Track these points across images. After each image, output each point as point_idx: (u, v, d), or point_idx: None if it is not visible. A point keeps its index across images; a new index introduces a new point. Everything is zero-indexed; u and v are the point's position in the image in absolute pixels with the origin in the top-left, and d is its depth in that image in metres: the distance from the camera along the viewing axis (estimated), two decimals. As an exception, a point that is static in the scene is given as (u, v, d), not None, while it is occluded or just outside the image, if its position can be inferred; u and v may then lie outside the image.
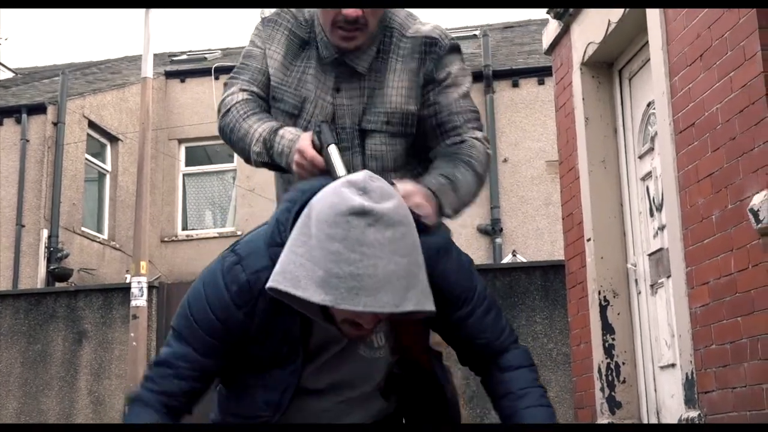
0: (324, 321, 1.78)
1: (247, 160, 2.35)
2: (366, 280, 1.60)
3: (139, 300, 10.30)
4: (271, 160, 2.25)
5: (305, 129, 2.27)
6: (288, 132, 2.21)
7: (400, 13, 2.37)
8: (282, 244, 1.75)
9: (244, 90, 2.39)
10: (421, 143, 2.36)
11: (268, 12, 2.47)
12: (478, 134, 2.34)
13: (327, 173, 2.02)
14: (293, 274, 1.65)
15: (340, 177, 1.83)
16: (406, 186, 2.03)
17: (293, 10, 2.40)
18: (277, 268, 1.69)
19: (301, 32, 2.37)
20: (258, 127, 2.27)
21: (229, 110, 2.37)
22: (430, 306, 1.70)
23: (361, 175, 1.69)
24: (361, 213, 1.62)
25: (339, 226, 1.62)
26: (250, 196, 14.73)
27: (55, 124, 13.28)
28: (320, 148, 2.08)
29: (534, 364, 1.99)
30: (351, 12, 2.18)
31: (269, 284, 1.69)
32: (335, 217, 1.63)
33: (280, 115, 2.35)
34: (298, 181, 2.07)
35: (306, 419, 1.92)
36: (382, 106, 2.30)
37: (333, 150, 2.04)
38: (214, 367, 1.85)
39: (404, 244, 1.66)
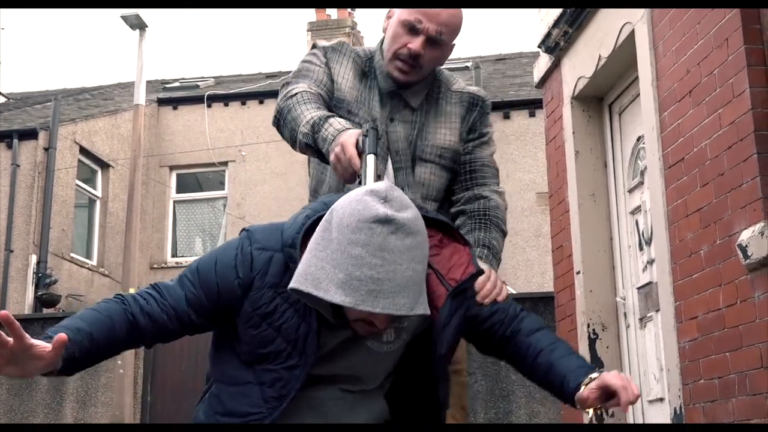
0: (333, 318, 1.86)
1: (293, 143, 2.45)
2: (385, 283, 1.70)
3: (127, 327, 10.25)
4: (314, 143, 2.31)
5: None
6: (337, 122, 2.28)
7: (444, 72, 2.70)
8: (292, 246, 1.86)
9: (311, 86, 2.53)
10: (451, 184, 2.66)
11: (325, 42, 2.69)
12: (500, 189, 2.68)
13: (356, 176, 2.11)
14: (315, 275, 1.73)
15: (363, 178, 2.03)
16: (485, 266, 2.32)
17: (351, 46, 2.67)
18: (298, 270, 1.78)
19: (361, 63, 2.63)
20: (312, 112, 2.37)
21: (293, 95, 2.47)
22: (428, 310, 1.82)
23: (383, 185, 1.78)
24: (385, 221, 1.71)
25: (362, 232, 1.70)
26: (241, 224, 14.71)
27: (46, 150, 13.28)
28: (360, 152, 2.12)
29: (548, 327, 2.15)
30: (415, 47, 2.47)
31: (291, 285, 1.76)
32: (358, 224, 1.71)
33: (355, 127, 2.39)
34: (331, 170, 2.36)
35: (306, 406, 1.94)
36: (434, 140, 2.59)
37: (371, 159, 2.08)
38: (190, 322, 1.92)
39: (420, 253, 1.77)
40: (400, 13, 2.51)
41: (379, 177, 2.07)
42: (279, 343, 1.88)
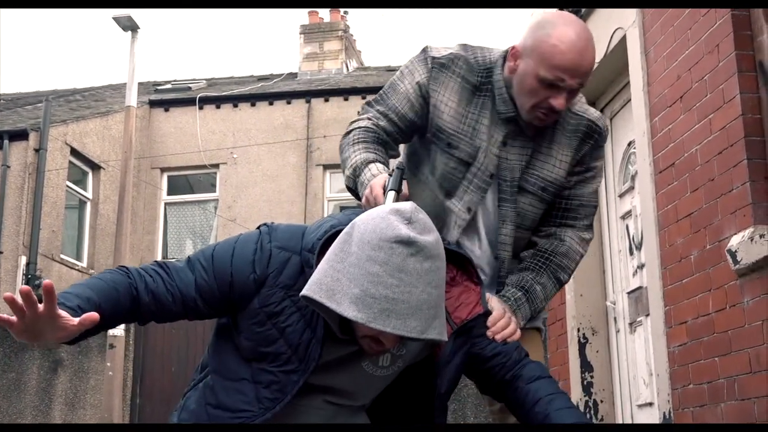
0: (340, 332, 1.85)
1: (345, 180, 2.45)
2: (399, 304, 1.69)
3: (117, 329, 10.22)
4: (355, 186, 2.35)
5: (474, 176, 2.42)
6: (375, 167, 2.30)
7: None
8: (311, 251, 1.86)
9: (370, 119, 2.47)
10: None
11: (437, 51, 2.46)
12: (587, 236, 2.55)
13: None
14: (329, 286, 1.72)
15: None
16: (494, 303, 2.28)
17: (466, 54, 2.44)
18: (313, 278, 1.76)
19: (473, 78, 2.43)
20: (358, 155, 2.37)
21: (349, 132, 2.48)
22: (446, 337, 1.80)
23: (408, 206, 1.78)
24: (406, 242, 1.70)
25: (382, 250, 1.70)
26: (232, 226, 14.70)
27: (36, 151, 13.23)
28: (386, 190, 2.17)
29: (551, 376, 2.10)
30: (560, 104, 2.29)
31: (304, 292, 1.75)
32: (380, 242, 1.70)
33: (453, 160, 2.43)
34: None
35: (286, 413, 1.93)
36: (541, 172, 2.44)
37: (391, 195, 2.13)
38: (195, 307, 1.90)
39: (438, 277, 1.75)
40: (535, 67, 2.27)
41: None
42: (280, 345, 1.88)
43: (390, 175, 2.18)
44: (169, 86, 18.55)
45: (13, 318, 1.67)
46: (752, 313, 3.62)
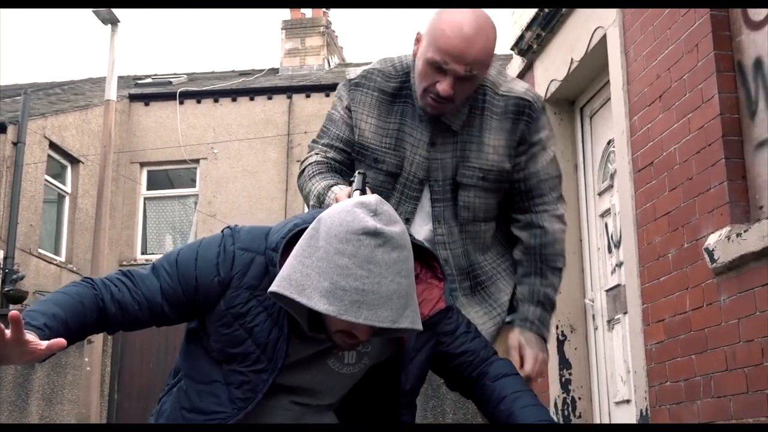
0: (309, 330, 1.85)
1: None
2: (370, 295, 1.69)
3: (95, 324, 10.18)
4: None
5: (404, 186, 2.44)
6: (338, 188, 2.33)
7: (491, 71, 2.42)
8: (275, 249, 1.87)
9: (318, 154, 2.51)
10: (507, 200, 2.50)
11: (353, 73, 2.51)
12: (560, 210, 2.50)
13: None
14: (299, 282, 1.73)
15: None
16: (522, 338, 2.42)
17: (383, 65, 2.47)
18: (281, 274, 1.77)
19: (392, 86, 2.44)
20: (318, 184, 2.40)
21: (303, 171, 2.52)
22: (419, 326, 1.80)
23: (373, 198, 1.79)
24: (373, 234, 1.71)
25: (350, 243, 1.71)
26: (211, 222, 14.65)
27: (15, 144, 13.12)
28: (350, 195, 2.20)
29: (518, 373, 2.10)
30: (444, 89, 2.27)
31: (272, 288, 1.75)
32: (347, 235, 1.71)
33: (382, 174, 2.45)
34: None
35: (260, 415, 1.94)
36: (477, 162, 2.40)
37: (356, 194, 2.16)
38: (162, 314, 1.90)
39: (407, 266, 1.76)
40: (425, 50, 2.30)
41: None
42: (248, 345, 1.88)
43: (352, 181, 2.22)
44: (149, 80, 18.45)
45: None
46: (729, 311, 3.65)
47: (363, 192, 2.15)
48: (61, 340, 1.67)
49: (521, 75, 6.32)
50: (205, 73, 19.19)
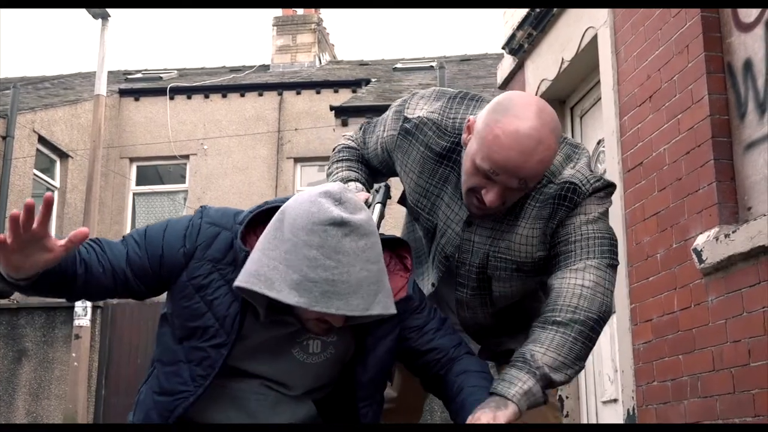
0: (266, 317, 1.86)
1: None
2: (340, 285, 1.71)
3: (83, 320, 10.14)
4: None
5: (435, 251, 2.22)
6: (354, 186, 2.27)
7: (556, 159, 2.08)
8: (241, 223, 1.88)
9: (355, 141, 2.42)
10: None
11: (411, 110, 2.21)
12: (602, 262, 2.05)
13: None
14: (267, 276, 1.73)
15: None
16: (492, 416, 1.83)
17: (442, 114, 2.17)
18: (247, 268, 1.77)
19: (442, 144, 2.15)
20: (340, 172, 2.34)
21: (336, 148, 2.44)
22: (393, 309, 1.81)
23: (336, 186, 1.79)
24: (339, 223, 1.71)
25: (316, 234, 1.71)
26: (201, 218, 14.61)
27: (3, 138, 13.06)
28: (369, 205, 2.16)
29: (487, 371, 2.02)
30: (491, 200, 1.96)
31: (238, 283, 1.76)
32: (313, 226, 1.71)
33: (421, 230, 2.28)
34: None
35: (228, 399, 1.95)
36: (509, 254, 2.12)
37: (377, 208, 2.12)
38: (125, 280, 1.91)
39: (374, 253, 1.77)
40: (474, 151, 1.97)
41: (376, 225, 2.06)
42: (208, 318, 1.88)
43: (376, 191, 2.18)
44: (139, 75, 18.39)
45: (7, 239, 1.70)
46: (716, 311, 3.66)
47: (384, 205, 2.13)
48: (84, 229, 1.71)
49: (512, 74, 6.33)
50: (195, 69, 19.14)
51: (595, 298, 2.00)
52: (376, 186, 2.26)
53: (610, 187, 2.11)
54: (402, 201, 2.37)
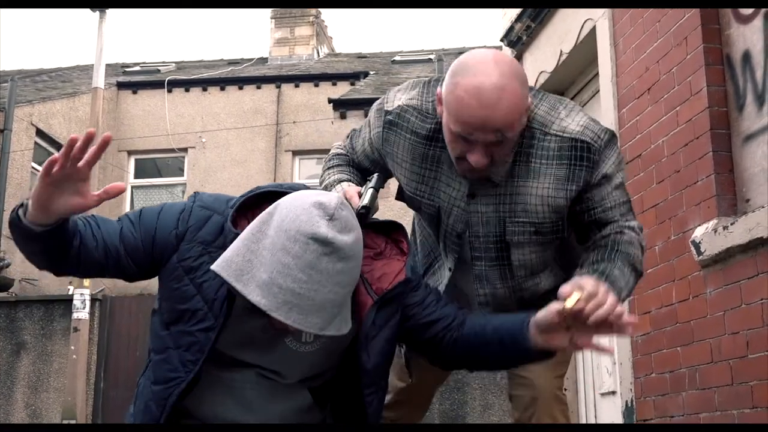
0: (245, 305, 1.85)
1: None
2: (304, 300, 1.69)
3: (81, 312, 10.14)
4: None
5: (445, 236, 2.23)
6: (347, 185, 2.25)
7: (541, 108, 2.13)
8: (233, 206, 1.89)
9: (344, 148, 2.42)
10: (574, 230, 2.20)
11: (389, 101, 2.23)
12: (634, 223, 2.18)
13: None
14: (239, 266, 1.73)
15: (357, 207, 1.99)
16: (582, 281, 1.83)
17: (420, 99, 2.18)
18: (226, 254, 1.77)
19: (427, 127, 2.16)
20: (332, 176, 2.34)
21: (327, 158, 2.45)
22: (345, 330, 1.78)
23: (333, 200, 1.75)
24: (323, 242, 1.69)
25: (297, 243, 1.69)
26: (199, 211, 14.60)
27: (1, 131, 13.05)
28: (361, 194, 2.15)
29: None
30: (476, 161, 1.99)
31: (214, 267, 1.76)
32: (296, 234, 1.69)
33: (425, 219, 2.30)
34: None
35: (224, 389, 1.95)
36: (526, 216, 2.12)
37: (369, 192, 2.10)
38: (117, 257, 1.92)
39: (349, 277, 1.75)
40: (447, 120, 2.02)
41: (368, 209, 2.04)
42: (197, 301, 1.88)
43: (369, 179, 2.17)
44: (137, 68, 18.37)
45: (60, 160, 1.70)
46: (714, 303, 3.67)
47: (376, 191, 2.10)
48: (120, 184, 1.74)
49: (511, 66, 6.32)
50: (193, 62, 19.11)
51: (640, 250, 2.16)
52: (370, 177, 2.25)
53: (614, 136, 2.17)
54: (399, 197, 2.35)
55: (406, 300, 1.99)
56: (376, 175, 2.17)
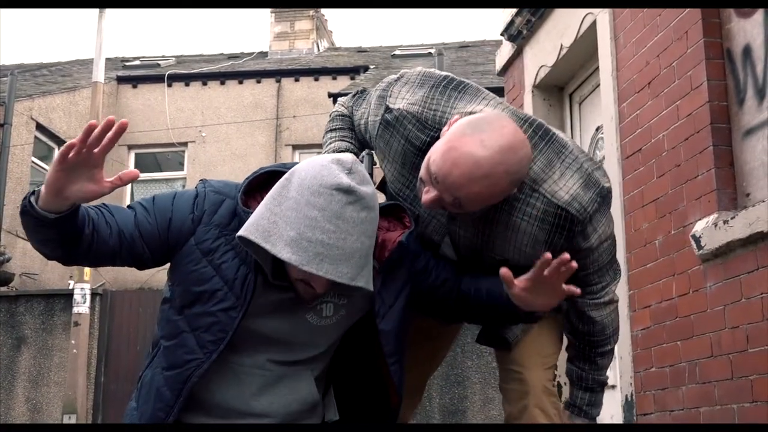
0: (273, 277, 1.90)
1: None
2: (334, 250, 1.74)
3: (82, 307, 10.14)
4: None
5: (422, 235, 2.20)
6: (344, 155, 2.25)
7: (536, 164, 2.03)
8: (240, 190, 1.93)
9: (344, 106, 2.41)
10: None
11: (393, 100, 2.16)
12: (607, 297, 2.23)
13: None
14: (265, 228, 1.77)
15: None
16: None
17: (424, 107, 2.10)
18: (249, 220, 1.81)
19: (420, 139, 2.09)
20: (332, 143, 2.34)
21: (331, 115, 2.45)
22: (371, 287, 1.85)
23: (349, 157, 1.83)
24: (346, 191, 1.76)
25: (322, 196, 1.75)
26: (199, 206, 14.60)
27: (1, 126, 13.03)
28: None
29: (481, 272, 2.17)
30: (424, 200, 1.97)
31: (240, 233, 1.80)
32: (320, 188, 1.76)
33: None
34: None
35: (230, 373, 1.96)
36: (502, 254, 2.11)
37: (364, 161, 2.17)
38: (131, 243, 1.92)
39: (372, 227, 1.81)
40: (434, 148, 1.96)
41: None
42: (215, 282, 1.90)
43: (361, 160, 2.20)
44: (137, 63, 18.35)
45: (77, 146, 1.69)
46: (714, 298, 3.67)
47: (368, 174, 2.14)
48: (134, 171, 1.76)
49: (510, 61, 6.32)
50: (193, 56, 19.09)
51: (614, 322, 2.31)
52: (361, 156, 2.28)
53: (607, 197, 2.11)
54: (381, 187, 2.32)
55: (413, 267, 2.05)
56: (365, 156, 2.21)
